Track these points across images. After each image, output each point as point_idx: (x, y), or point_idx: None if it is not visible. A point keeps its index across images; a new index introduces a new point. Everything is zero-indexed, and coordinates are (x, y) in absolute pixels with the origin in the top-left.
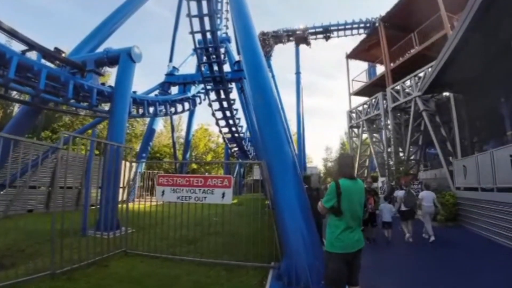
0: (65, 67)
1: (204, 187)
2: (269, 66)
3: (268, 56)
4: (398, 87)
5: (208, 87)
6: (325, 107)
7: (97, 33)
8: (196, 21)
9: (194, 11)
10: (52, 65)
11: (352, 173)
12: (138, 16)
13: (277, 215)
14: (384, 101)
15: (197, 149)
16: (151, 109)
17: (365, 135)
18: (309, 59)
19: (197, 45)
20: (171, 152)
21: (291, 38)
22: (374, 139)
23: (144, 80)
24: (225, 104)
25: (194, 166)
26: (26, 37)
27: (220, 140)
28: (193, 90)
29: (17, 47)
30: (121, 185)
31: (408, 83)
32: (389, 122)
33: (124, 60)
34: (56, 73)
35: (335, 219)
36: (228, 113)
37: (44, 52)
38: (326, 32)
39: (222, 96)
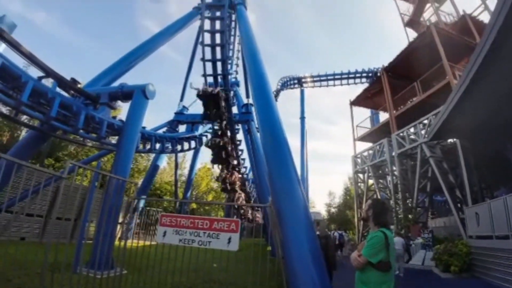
0: (79, 97)
1: (210, 231)
2: None
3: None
4: (403, 134)
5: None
6: (326, 151)
7: (114, 68)
8: (209, 65)
9: (208, 55)
10: (66, 94)
11: (390, 222)
12: (155, 57)
13: (287, 264)
14: (390, 147)
15: (199, 188)
16: (158, 146)
17: (370, 181)
18: (312, 105)
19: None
20: (172, 190)
21: (296, 85)
22: (380, 185)
23: (153, 116)
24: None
25: (194, 205)
26: (44, 63)
27: None
28: (201, 129)
29: (34, 72)
30: (119, 221)
31: (412, 129)
32: (395, 168)
33: (138, 96)
34: (69, 102)
35: (380, 275)
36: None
37: (60, 81)
38: (330, 80)
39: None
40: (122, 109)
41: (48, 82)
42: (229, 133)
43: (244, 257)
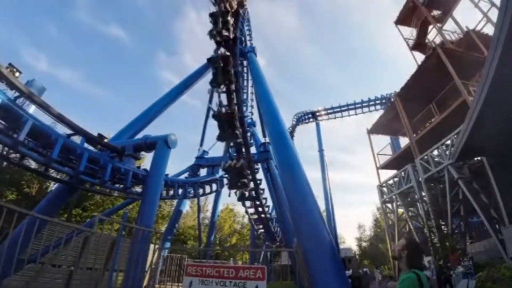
0: (106, 151)
1: (236, 279)
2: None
3: (290, 137)
4: (426, 157)
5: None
6: (349, 182)
7: (137, 121)
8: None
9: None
10: (93, 149)
11: (423, 264)
12: (174, 104)
13: None
14: (415, 173)
15: (222, 230)
16: (181, 191)
17: (400, 210)
18: (329, 136)
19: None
20: (196, 234)
21: (311, 119)
22: (411, 213)
23: (175, 162)
24: (251, 184)
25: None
26: (72, 122)
27: (245, 220)
28: (221, 171)
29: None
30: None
31: (436, 152)
32: (424, 194)
33: (161, 146)
34: (97, 156)
35: None
36: (253, 193)
37: (88, 137)
38: (344, 111)
39: (249, 176)
40: (146, 158)
41: (76, 138)
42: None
43: None
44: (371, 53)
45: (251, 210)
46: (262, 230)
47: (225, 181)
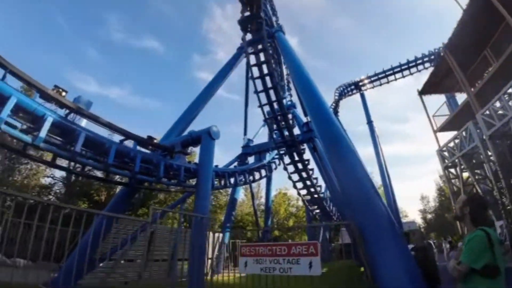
0: (157, 151)
1: (289, 256)
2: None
3: (335, 113)
4: (488, 111)
5: (281, 151)
6: (406, 153)
7: (182, 119)
8: (262, 95)
9: (260, 87)
10: (146, 150)
11: (490, 219)
12: (215, 102)
13: (379, 283)
14: (478, 130)
15: (278, 214)
16: (232, 180)
17: (465, 174)
18: (377, 107)
19: (266, 116)
20: (253, 220)
21: (354, 91)
22: (477, 177)
23: (224, 156)
24: (300, 165)
25: (277, 233)
26: (122, 129)
27: (300, 203)
28: (268, 157)
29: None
30: (209, 256)
31: (498, 104)
32: (490, 152)
33: (205, 138)
34: (149, 156)
35: (489, 282)
36: (304, 174)
37: (139, 140)
38: (389, 75)
39: (296, 158)
40: (196, 153)
41: (128, 142)
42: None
43: (339, 281)
44: (408, 12)
45: (303, 192)
46: (317, 211)
47: (273, 165)
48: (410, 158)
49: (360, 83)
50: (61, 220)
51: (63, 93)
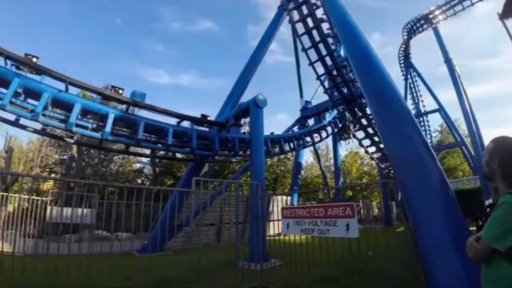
0: (212, 127)
1: (326, 218)
2: (410, 66)
3: (406, 55)
4: None
5: (342, 109)
6: (498, 93)
7: (233, 92)
8: (312, 52)
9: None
10: (204, 128)
11: None
12: (266, 71)
13: (422, 253)
14: None
15: (350, 174)
16: (290, 145)
17: None
18: (455, 42)
19: (319, 74)
20: (323, 182)
21: (425, 26)
22: None
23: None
24: (364, 121)
25: (350, 193)
26: (176, 112)
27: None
28: (328, 117)
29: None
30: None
31: None
32: None
33: (253, 108)
34: (205, 133)
35: None
36: (370, 130)
37: (193, 120)
38: (464, 0)
39: (358, 113)
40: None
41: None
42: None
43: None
44: None
45: (372, 149)
46: (390, 168)
47: (334, 125)
48: (505, 97)
49: (431, 16)
50: (142, 199)
51: (120, 91)
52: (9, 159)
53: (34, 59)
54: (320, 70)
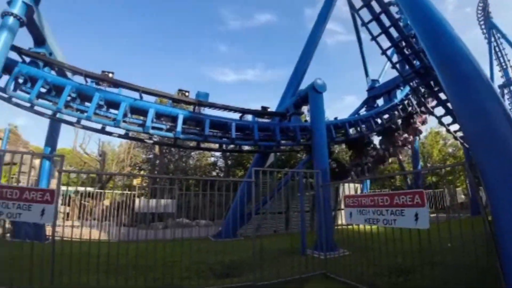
0: (273, 118)
1: (392, 207)
2: (493, 27)
3: (486, 15)
4: None
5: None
6: None
7: (292, 80)
8: (373, 25)
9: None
10: (265, 120)
11: None
12: (328, 53)
13: (501, 247)
14: None
15: (432, 157)
16: (357, 129)
17: None
18: None
19: (383, 48)
20: (399, 168)
21: None
22: None
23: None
24: (442, 95)
25: (432, 179)
26: (237, 107)
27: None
28: (400, 94)
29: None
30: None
31: None
32: None
33: (312, 94)
34: (266, 124)
35: None
36: (450, 105)
37: (254, 113)
38: None
39: (435, 88)
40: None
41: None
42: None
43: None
44: None
45: (454, 127)
46: None
47: (407, 102)
48: None
49: None
50: (217, 189)
51: (186, 93)
52: (103, 161)
53: (110, 75)
54: (385, 44)
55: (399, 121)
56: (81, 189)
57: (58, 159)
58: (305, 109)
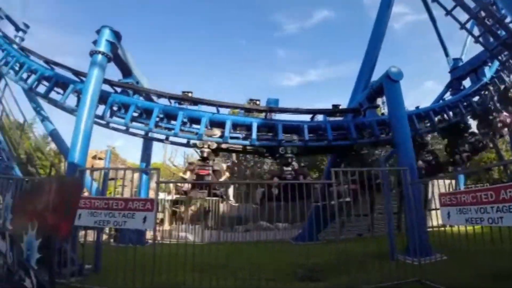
0: (346, 115)
1: (498, 203)
2: None
3: None
4: None
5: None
6: None
7: (362, 73)
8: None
9: None
10: (337, 118)
11: None
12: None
13: None
14: None
15: None
16: (445, 117)
17: None
18: None
19: (461, 22)
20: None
21: None
22: None
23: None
24: None
25: None
26: (306, 109)
27: None
28: (489, 71)
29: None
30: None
31: None
32: None
33: (386, 84)
34: (338, 122)
35: None
36: None
37: (325, 112)
38: None
39: None
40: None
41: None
42: None
43: None
44: None
45: None
46: None
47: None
48: None
49: None
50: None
51: (257, 102)
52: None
53: (190, 94)
54: (463, 17)
55: (495, 99)
56: (171, 197)
57: (154, 172)
58: (380, 101)
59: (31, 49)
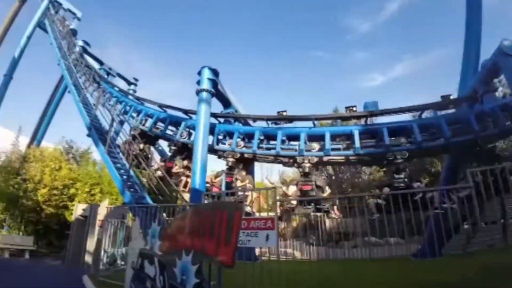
0: (461, 106)
1: None
2: None
3: None
4: None
5: None
6: None
7: (467, 57)
8: None
9: None
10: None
11: None
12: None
13: None
14: None
15: None
16: None
17: None
18: None
19: None
20: None
21: None
22: None
23: None
24: None
25: None
26: (413, 106)
27: None
28: None
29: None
30: None
31: None
32: None
33: (502, 60)
34: (453, 116)
35: None
36: None
37: (434, 106)
38: None
39: None
40: None
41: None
42: None
43: None
44: None
45: None
46: None
47: None
48: None
49: None
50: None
51: (354, 108)
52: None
53: (284, 113)
54: None
55: None
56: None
57: (271, 191)
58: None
59: (145, 98)
